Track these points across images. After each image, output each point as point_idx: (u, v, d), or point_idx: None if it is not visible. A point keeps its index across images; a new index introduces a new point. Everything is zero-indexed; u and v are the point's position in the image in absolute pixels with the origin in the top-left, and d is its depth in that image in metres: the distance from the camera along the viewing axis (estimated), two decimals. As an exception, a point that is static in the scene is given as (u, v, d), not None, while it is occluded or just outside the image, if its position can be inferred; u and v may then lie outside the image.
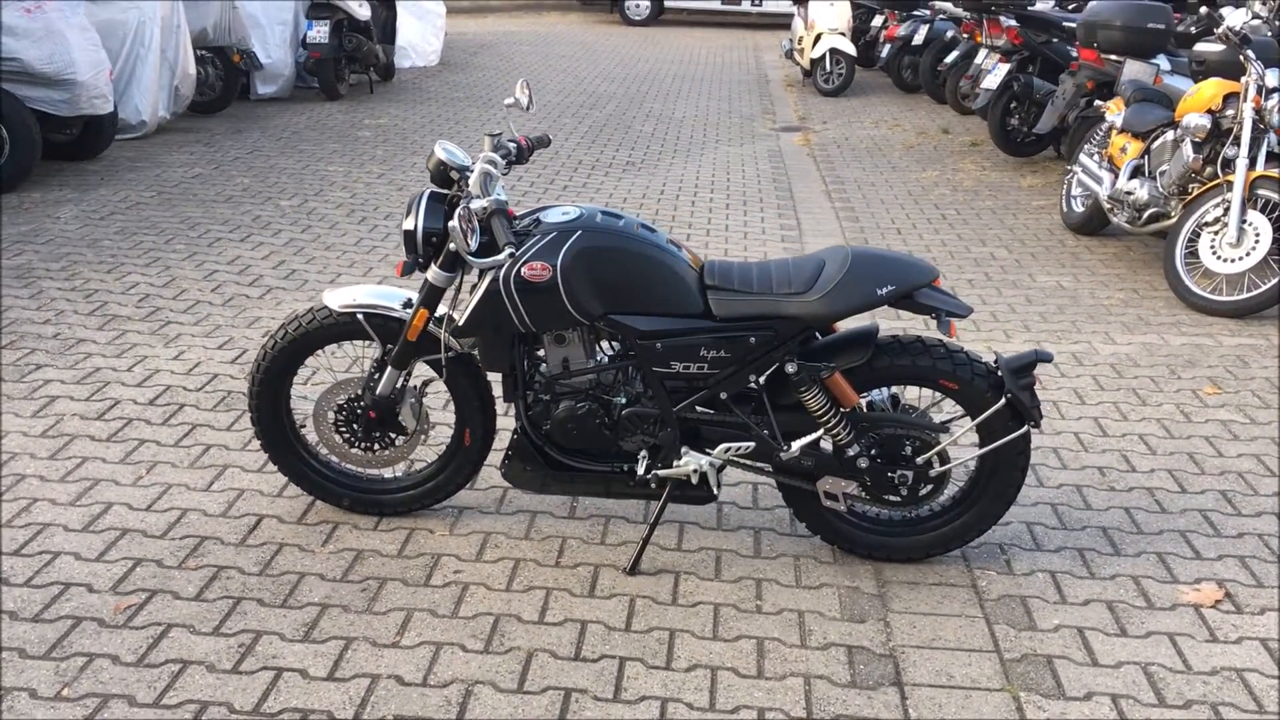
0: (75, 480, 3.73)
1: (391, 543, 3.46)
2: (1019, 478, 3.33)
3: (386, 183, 8.13)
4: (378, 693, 2.79)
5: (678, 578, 3.35)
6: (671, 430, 3.27)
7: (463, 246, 2.90)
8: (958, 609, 3.25)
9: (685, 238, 6.98)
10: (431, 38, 14.03)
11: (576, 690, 2.83)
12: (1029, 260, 6.71)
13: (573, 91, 12.68)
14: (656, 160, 9.25)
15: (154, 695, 2.74)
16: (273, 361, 3.39)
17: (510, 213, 3.07)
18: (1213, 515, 3.80)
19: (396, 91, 12.17)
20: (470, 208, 3.00)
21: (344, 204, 7.46)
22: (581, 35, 18.69)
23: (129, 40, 8.79)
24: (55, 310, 5.24)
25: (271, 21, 10.80)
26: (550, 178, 8.47)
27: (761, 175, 8.86)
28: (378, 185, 8.04)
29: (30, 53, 7.23)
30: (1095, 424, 4.47)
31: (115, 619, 3.03)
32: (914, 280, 3.11)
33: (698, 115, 11.51)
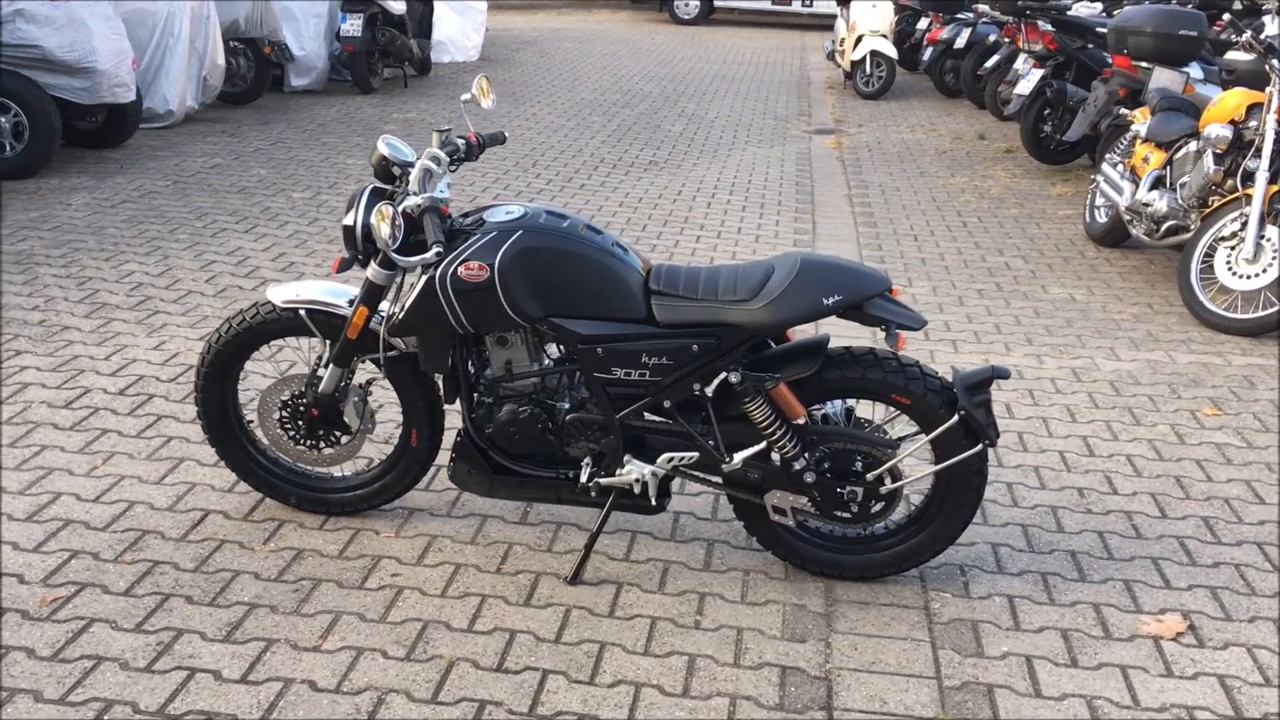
0: (29, 469, 3.72)
1: (334, 543, 3.42)
2: (974, 498, 3.21)
3: (402, 177, 8.11)
4: (288, 697, 2.74)
5: (620, 589, 3.27)
6: (614, 437, 3.19)
7: (382, 242, 2.84)
8: (904, 632, 3.14)
9: (695, 240, 6.89)
10: (471, 33, 14.04)
11: (491, 703, 2.76)
12: (1044, 271, 6.54)
13: (608, 90, 12.62)
14: (680, 160, 9.16)
15: (60, 691, 2.70)
16: (217, 356, 3.36)
17: (444, 211, 3.00)
18: (1190, 542, 3.64)
19: (431, 86, 12.18)
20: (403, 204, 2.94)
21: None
22: (628, 33, 18.63)
23: (158, 30, 8.85)
24: (46, 297, 5.26)
25: (306, 14, 10.85)
26: (569, 176, 8.41)
27: (785, 178, 8.74)
28: (393, 179, 8.01)
29: (51, 40, 7.30)
30: (1083, 443, 4.32)
31: (40, 611, 3.00)
32: (863, 290, 3.00)
33: (731, 116, 11.40)
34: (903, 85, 13.78)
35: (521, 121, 10.43)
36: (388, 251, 2.87)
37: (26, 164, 7.44)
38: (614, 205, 7.62)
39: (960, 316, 5.71)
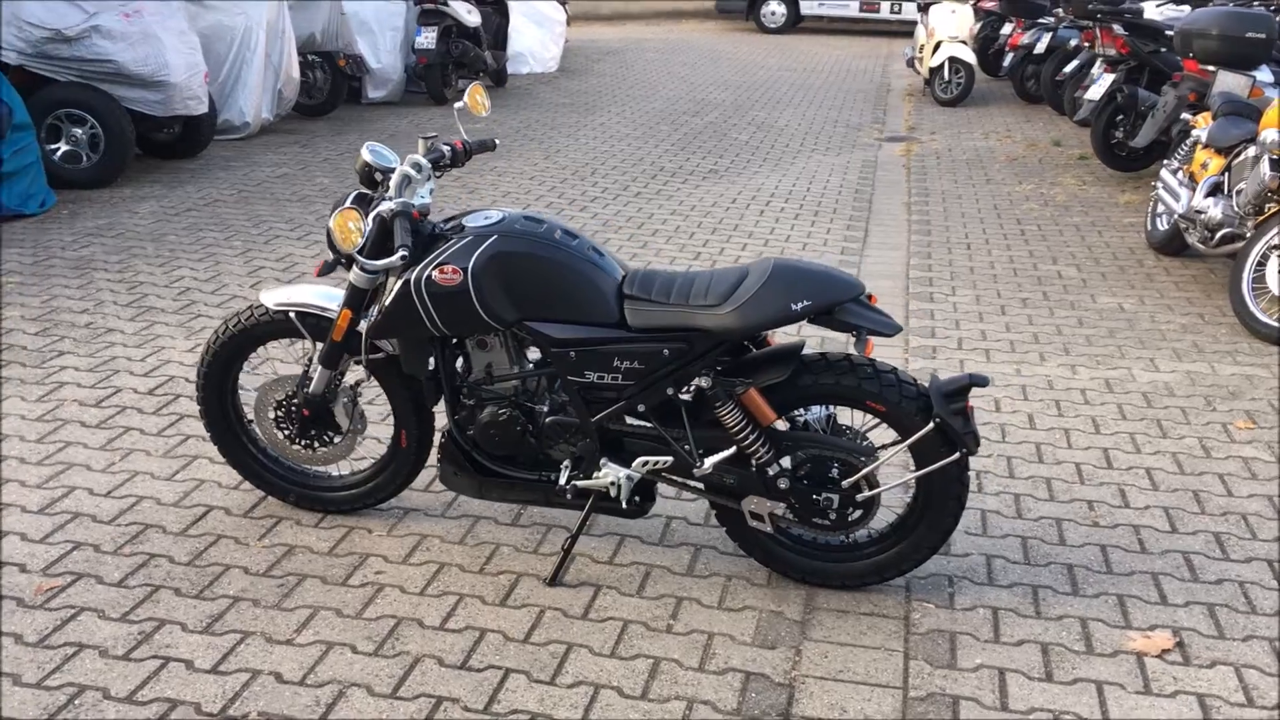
0: (51, 464, 3.89)
1: (326, 540, 3.50)
2: (955, 506, 3.17)
3: (461, 185, 8.26)
4: (252, 688, 2.82)
5: (598, 591, 3.29)
6: (590, 441, 3.22)
7: (342, 246, 2.91)
8: (879, 641, 3.10)
9: (741, 247, 6.89)
10: (550, 44, 14.20)
11: (449, 699, 2.81)
12: (1097, 280, 6.39)
13: (681, 99, 12.66)
14: (741, 169, 9.15)
15: (39, 676, 2.82)
16: (215, 356, 3.47)
17: (416, 215, 3.06)
18: (1196, 558, 3.54)
19: (505, 97, 12.35)
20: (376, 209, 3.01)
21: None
22: (712, 43, 18.65)
23: (235, 44, 9.14)
24: (96, 301, 5.48)
25: (383, 27, 11.10)
26: (625, 184, 8.47)
27: (845, 186, 8.67)
28: (452, 188, 8.17)
29: (126, 55, 7.59)
30: (1103, 455, 4.22)
31: (35, 599, 3.14)
32: (833, 296, 2.98)
33: (801, 124, 11.34)
34: (983, 92, 13.56)
35: (588, 131, 10.52)
36: (353, 255, 2.94)
37: (102, 174, 7.75)
38: (665, 213, 7.65)
39: (999, 326, 5.61)
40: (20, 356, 4.77)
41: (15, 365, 4.69)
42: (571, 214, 7.56)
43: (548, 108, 11.76)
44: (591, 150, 9.68)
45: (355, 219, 2.93)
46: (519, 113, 11.37)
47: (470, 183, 8.33)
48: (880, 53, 17.97)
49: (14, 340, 4.95)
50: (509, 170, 8.81)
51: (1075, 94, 10.54)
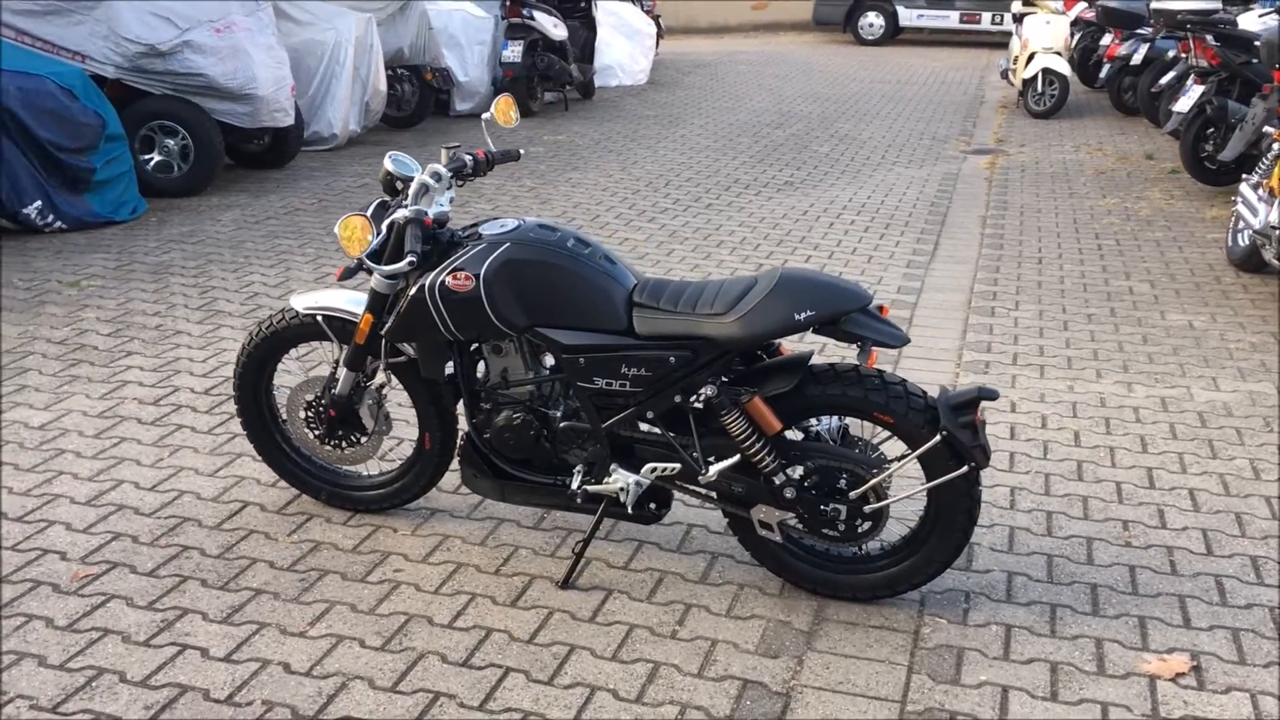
0: (104, 458, 4.07)
1: (352, 538, 3.60)
2: (964, 521, 3.14)
3: (533, 195, 8.39)
4: (260, 677, 2.92)
5: (609, 596, 3.33)
6: (600, 446, 3.26)
7: (347, 251, 3.01)
8: (884, 654, 3.09)
9: (805, 259, 6.87)
10: (640, 57, 14.32)
11: (446, 695, 2.88)
12: (1169, 297, 6.23)
13: (766, 111, 12.65)
14: (817, 181, 9.12)
15: (62, 658, 2.97)
16: (249, 358, 3.60)
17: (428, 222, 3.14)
18: (1229, 582, 3.44)
19: (591, 109, 12.49)
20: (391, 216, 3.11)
21: (479, 215, 7.75)
22: (807, 55, 18.59)
23: (325, 59, 9.43)
24: (169, 304, 5.70)
25: (471, 41, 11.33)
26: (697, 195, 8.51)
27: (922, 199, 8.59)
28: (523, 198, 8.30)
29: (215, 69, 7.89)
30: (1146, 475, 4.12)
31: (70, 586, 3.29)
32: (838, 306, 2.98)
33: (886, 136, 11.25)
34: (1079, 103, 13.28)
35: (668, 143, 10.59)
36: (362, 259, 3.04)
37: (192, 183, 8.05)
38: (734, 225, 7.67)
39: (1058, 341, 5.51)
40: (90, 356, 4.99)
41: (85, 364, 4.91)
42: (639, 225, 7.63)
43: (631, 120, 11.86)
44: (668, 162, 9.74)
45: (361, 225, 3.02)
46: (602, 125, 11.48)
47: (543, 193, 8.46)
48: (978, 64, 17.71)
49: (87, 340, 5.18)
50: (583, 181, 8.91)
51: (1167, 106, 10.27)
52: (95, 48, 7.80)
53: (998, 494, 3.97)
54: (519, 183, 8.80)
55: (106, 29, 7.76)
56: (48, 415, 4.40)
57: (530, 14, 11.27)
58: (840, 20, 20.97)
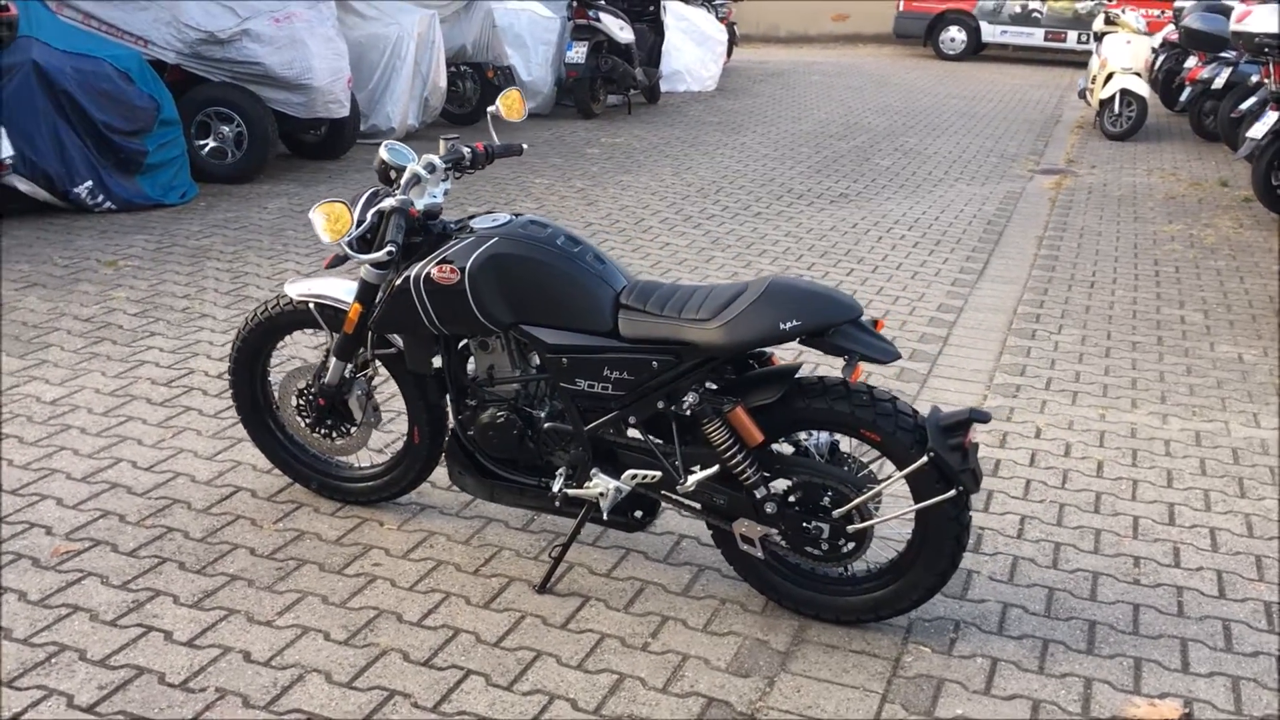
0: (107, 436, 4.09)
1: (337, 529, 3.57)
2: (952, 547, 3.01)
3: (581, 197, 8.35)
4: (219, 664, 2.90)
5: (585, 603, 3.26)
6: (582, 449, 3.19)
7: (321, 236, 2.98)
8: (859, 680, 2.98)
9: (847, 272, 6.74)
10: (710, 64, 14.23)
11: (401, 694, 2.83)
12: (1222, 328, 6.00)
13: (832, 122, 12.49)
14: (873, 194, 8.97)
15: (28, 633, 2.97)
16: (244, 343, 3.59)
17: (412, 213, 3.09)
18: (1237, 628, 3.27)
19: (654, 114, 12.44)
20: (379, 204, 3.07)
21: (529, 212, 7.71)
22: (885, 68, 18.36)
23: (387, 53, 9.49)
24: (199, 287, 5.75)
25: (536, 41, 11.34)
26: (747, 204, 8.40)
27: (979, 217, 8.40)
28: (571, 199, 8.27)
29: (272, 58, 7.96)
30: (1167, 511, 3.95)
31: (49, 561, 3.30)
32: (825, 318, 2.88)
33: (953, 152, 11.04)
34: (1158, 127, 12.93)
35: (727, 150, 10.49)
36: (344, 248, 3.00)
37: (244, 170, 8.14)
38: (779, 235, 7.56)
39: (1097, 368, 5.33)
40: (114, 335, 5.04)
41: (107, 343, 4.96)
42: (683, 230, 7.55)
43: (692, 125, 11.78)
44: (723, 169, 9.65)
45: (339, 211, 2.99)
46: (662, 129, 11.42)
47: (591, 195, 8.42)
48: (1061, 83, 17.34)
49: (113, 319, 5.24)
50: (633, 185, 8.86)
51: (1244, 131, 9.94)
52: (158, 33, 7.92)
53: (1006, 522, 3.83)
54: (569, 183, 8.77)
55: (170, 15, 7.88)
56: (61, 391, 4.44)
57: (596, 16, 11.25)
58: (921, 34, 20.69)
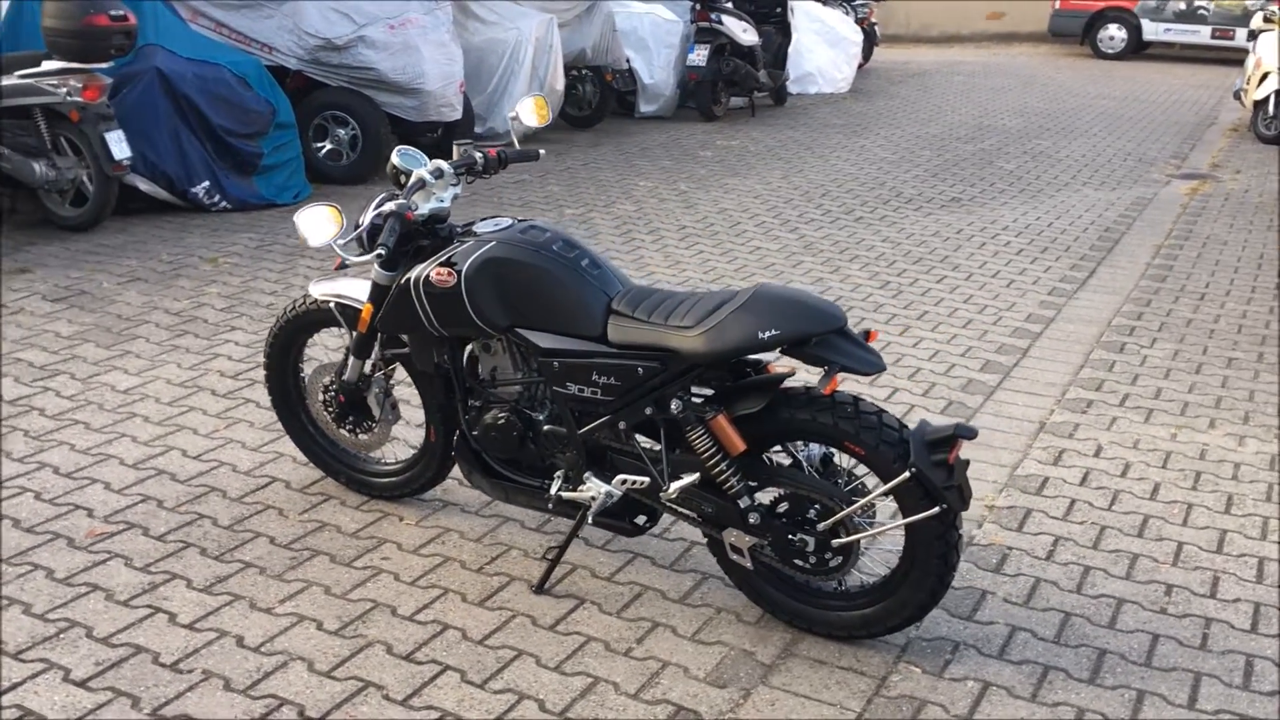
0: (166, 425, 4.30)
1: (358, 522, 3.68)
2: (939, 566, 2.93)
3: (681, 199, 8.36)
4: (212, 648, 3.03)
5: (579, 605, 3.29)
6: (575, 453, 3.22)
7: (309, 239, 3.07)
8: (838, 698, 2.92)
9: (938, 279, 6.58)
10: (843, 65, 14.05)
11: (375, 685, 2.90)
12: (1334, 346, 5.64)
13: (963, 124, 12.18)
14: (988, 199, 8.72)
15: (45, 608, 3.16)
16: (275, 340, 3.74)
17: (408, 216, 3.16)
18: (1262, 665, 3.09)
19: (778, 116, 12.35)
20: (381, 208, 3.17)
21: (621, 216, 7.79)
22: (1035, 68, 17.79)
23: (506, 57, 9.69)
24: (287, 284, 5.99)
25: (659, 44, 11.40)
26: (850, 208, 8.28)
27: (1096, 224, 8.08)
28: (671, 201, 8.29)
29: (386, 64, 8.22)
30: (1217, 538, 3.75)
31: (83, 542, 3.50)
32: (806, 327, 2.84)
33: (1086, 155, 10.65)
34: (1319, 130, 12.17)
35: (843, 153, 10.35)
36: (333, 246, 3.10)
37: (357, 171, 8.43)
38: (876, 240, 7.43)
39: (1182, 385, 5.08)
40: (197, 329, 5.30)
41: (189, 336, 5.21)
42: (778, 234, 7.49)
43: (815, 128, 11.66)
44: (835, 172, 9.52)
45: (326, 215, 3.09)
46: (781, 132, 11.33)
47: (692, 198, 8.42)
48: (1224, 84, 16.49)
49: (200, 314, 5.50)
50: (737, 188, 8.82)
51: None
52: (281, 41, 8.27)
53: (1038, 542, 3.69)
54: (673, 186, 8.80)
55: (292, 23, 8.21)
56: (135, 380, 4.69)
57: (719, 18, 11.23)
58: (1078, 32, 19.96)
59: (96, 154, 6.46)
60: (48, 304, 5.54)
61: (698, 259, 6.86)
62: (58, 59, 6.39)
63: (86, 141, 6.46)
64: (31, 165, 6.53)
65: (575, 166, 9.40)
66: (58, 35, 6.28)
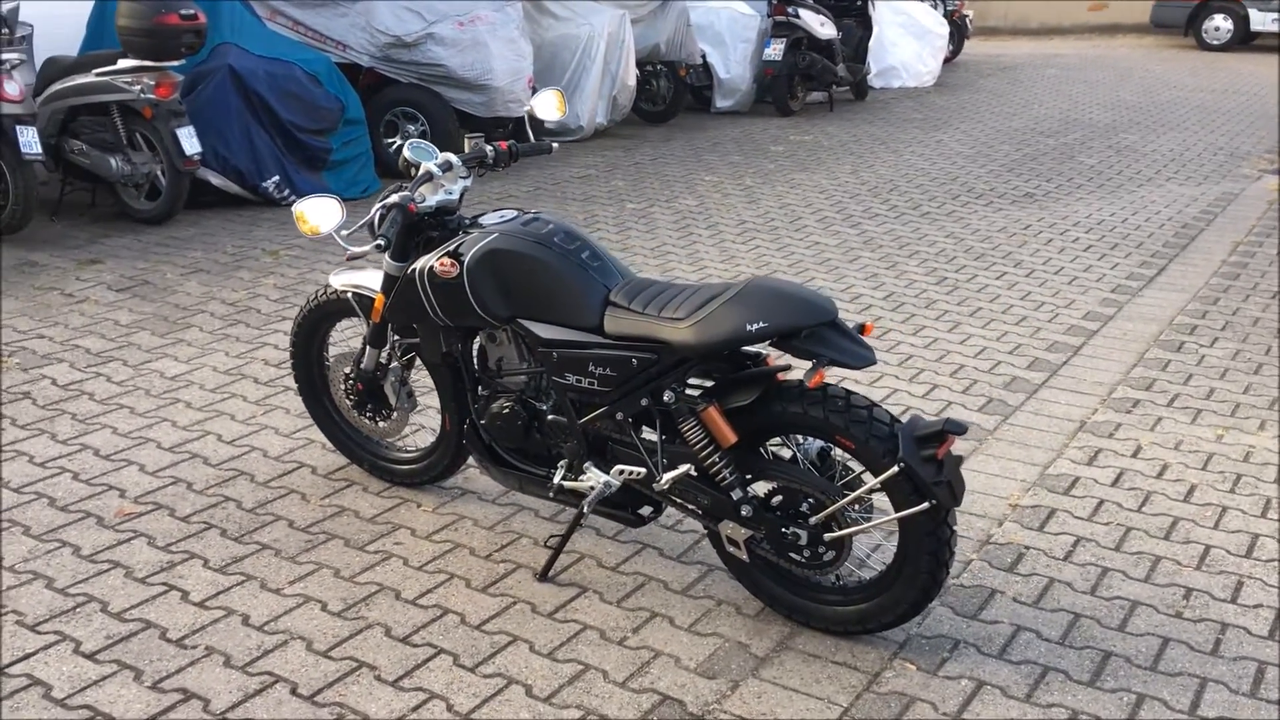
0: (207, 410, 4.44)
1: (376, 508, 3.76)
2: (930, 563, 2.90)
3: (744, 194, 8.33)
4: (218, 625, 3.12)
5: (580, 594, 3.32)
6: (575, 443, 3.25)
7: (301, 230, 3.14)
8: (827, 692, 2.91)
9: (998, 275, 6.47)
10: (929, 59, 13.85)
11: (368, 665, 2.97)
12: None
13: (1048, 118, 11.92)
14: (1063, 195, 8.53)
15: (67, 583, 3.29)
16: (299, 328, 3.84)
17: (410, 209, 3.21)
18: (1274, 672, 2.99)
19: (857, 110, 12.22)
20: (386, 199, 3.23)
21: (682, 211, 7.79)
22: (1135, 60, 17.32)
23: (578, 53, 9.76)
24: (342, 277, 6.11)
25: (735, 39, 11.37)
26: (917, 203, 8.17)
27: (1174, 220, 7.85)
28: (734, 196, 8.27)
29: (454, 60, 8.35)
30: (1248, 542, 3.64)
31: (111, 521, 3.63)
32: (793, 320, 2.83)
33: (1174, 150, 10.34)
34: None
35: (917, 148, 10.20)
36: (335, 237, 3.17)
37: (427, 167, 8.55)
38: (938, 235, 7.32)
39: (1237, 386, 4.92)
40: (249, 318, 5.45)
41: (241, 325, 5.37)
42: (838, 229, 7.42)
43: (893, 123, 11.51)
44: (905, 167, 9.40)
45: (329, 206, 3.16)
46: (858, 126, 11.22)
47: (756, 192, 8.39)
48: (1336, 76, 15.88)
49: (255, 304, 5.66)
50: (804, 183, 8.76)
51: None
52: (354, 38, 8.45)
53: (1058, 542, 3.62)
54: (738, 181, 8.78)
55: (364, 21, 8.39)
56: (184, 368, 4.84)
57: (795, 12, 11.16)
58: (1181, 23, 19.39)
59: (168, 149, 6.67)
60: (112, 294, 5.74)
61: (753, 254, 6.84)
62: (132, 57, 6.60)
63: (159, 137, 6.68)
64: (108, 160, 6.77)
65: (644, 161, 9.43)
66: (131, 34, 6.51)
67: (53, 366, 4.81)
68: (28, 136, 6.24)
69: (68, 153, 6.86)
